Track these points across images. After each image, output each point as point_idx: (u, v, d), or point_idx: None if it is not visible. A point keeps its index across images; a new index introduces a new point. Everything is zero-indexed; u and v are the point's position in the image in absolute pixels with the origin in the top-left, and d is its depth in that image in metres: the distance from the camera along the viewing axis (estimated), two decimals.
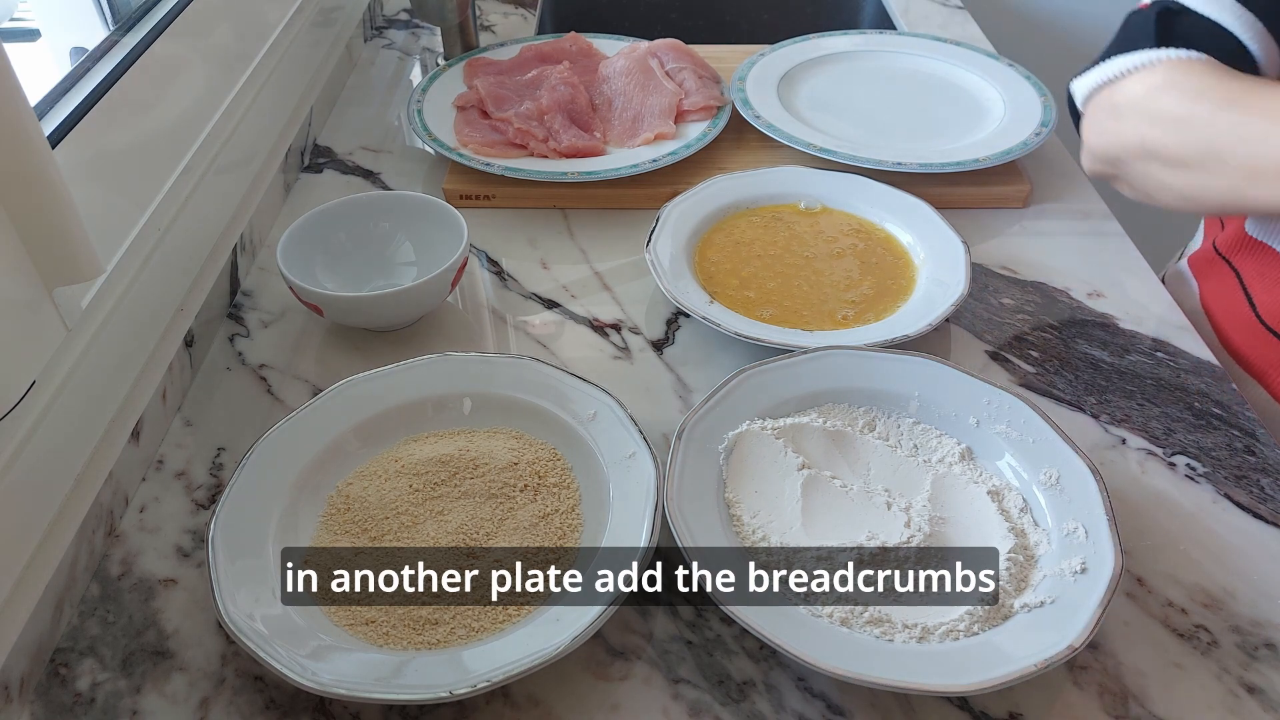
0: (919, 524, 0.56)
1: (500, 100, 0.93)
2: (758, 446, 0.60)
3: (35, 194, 0.49)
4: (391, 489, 0.59)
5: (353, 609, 0.53)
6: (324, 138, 0.97)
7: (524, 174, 0.85)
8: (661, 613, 0.55)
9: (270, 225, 0.85)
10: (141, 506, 0.61)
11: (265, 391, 0.69)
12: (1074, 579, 0.52)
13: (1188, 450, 0.64)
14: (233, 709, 0.51)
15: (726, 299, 0.73)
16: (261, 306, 0.77)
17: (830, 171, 0.84)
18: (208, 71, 0.76)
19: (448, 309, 0.76)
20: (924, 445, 0.62)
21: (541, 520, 0.58)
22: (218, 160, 0.75)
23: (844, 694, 0.51)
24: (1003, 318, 0.74)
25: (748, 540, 0.56)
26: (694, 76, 0.95)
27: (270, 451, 0.59)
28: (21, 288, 0.52)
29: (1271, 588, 0.56)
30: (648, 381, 0.70)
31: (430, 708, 0.51)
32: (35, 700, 0.51)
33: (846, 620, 0.52)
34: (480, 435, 0.63)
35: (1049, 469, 0.58)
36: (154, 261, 0.66)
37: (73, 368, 0.56)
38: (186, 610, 0.55)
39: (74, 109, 0.59)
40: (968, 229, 0.81)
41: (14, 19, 0.78)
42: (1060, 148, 0.93)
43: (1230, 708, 0.50)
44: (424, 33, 1.19)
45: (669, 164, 0.86)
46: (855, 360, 0.65)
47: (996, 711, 0.50)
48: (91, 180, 0.59)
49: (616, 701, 0.51)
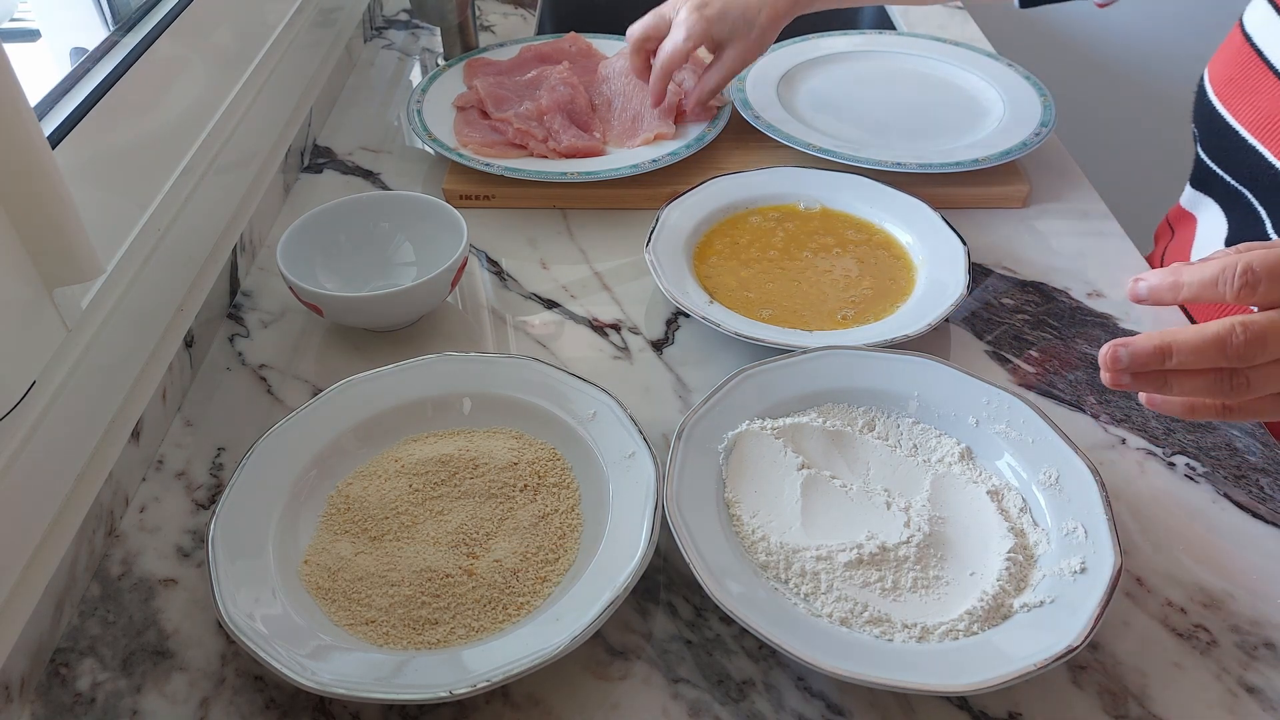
0: (918, 524, 0.56)
1: (500, 100, 0.93)
2: (757, 446, 0.60)
3: (35, 194, 0.49)
4: (391, 489, 0.59)
5: (353, 609, 0.53)
6: (324, 138, 0.97)
7: (524, 174, 0.85)
8: (661, 612, 0.55)
9: (270, 225, 0.85)
10: (141, 506, 0.61)
11: (265, 391, 0.69)
12: (1074, 579, 0.52)
13: (1187, 450, 0.64)
14: (233, 709, 0.51)
15: (726, 299, 0.73)
16: (261, 306, 0.77)
17: (830, 171, 0.84)
18: (208, 71, 0.76)
19: (448, 309, 0.77)
20: (923, 445, 0.62)
21: (541, 520, 0.58)
22: (218, 160, 0.75)
23: (844, 694, 0.51)
24: (1003, 318, 0.74)
25: (747, 540, 0.56)
26: (694, 76, 0.95)
27: (270, 451, 0.59)
28: (21, 288, 0.52)
29: (1271, 587, 0.56)
30: (647, 381, 0.70)
31: (430, 708, 0.51)
32: (35, 700, 0.51)
33: (846, 620, 0.52)
34: (480, 435, 0.63)
35: (1048, 469, 0.58)
36: (154, 261, 0.66)
37: (73, 368, 0.56)
38: (186, 610, 0.55)
39: (74, 109, 0.59)
40: (968, 229, 0.81)
41: (14, 19, 0.78)
42: (1060, 148, 0.93)
43: (1230, 707, 0.50)
44: (424, 33, 1.19)
45: (669, 164, 0.86)
46: (855, 360, 0.65)
47: (996, 711, 0.50)
48: (91, 180, 0.59)
49: (616, 701, 0.51)
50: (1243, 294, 0.46)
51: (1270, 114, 0.70)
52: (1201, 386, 0.48)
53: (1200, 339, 0.46)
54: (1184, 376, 0.48)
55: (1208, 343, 0.46)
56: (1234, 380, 0.47)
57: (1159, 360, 0.47)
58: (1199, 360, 0.46)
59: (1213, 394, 0.48)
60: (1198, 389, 0.48)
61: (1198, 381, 0.48)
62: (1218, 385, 0.47)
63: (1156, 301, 0.50)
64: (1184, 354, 0.46)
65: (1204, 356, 0.46)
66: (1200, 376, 0.47)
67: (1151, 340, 0.47)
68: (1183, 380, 0.48)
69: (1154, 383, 0.48)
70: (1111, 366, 0.48)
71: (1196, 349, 0.46)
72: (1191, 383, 0.48)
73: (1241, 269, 0.46)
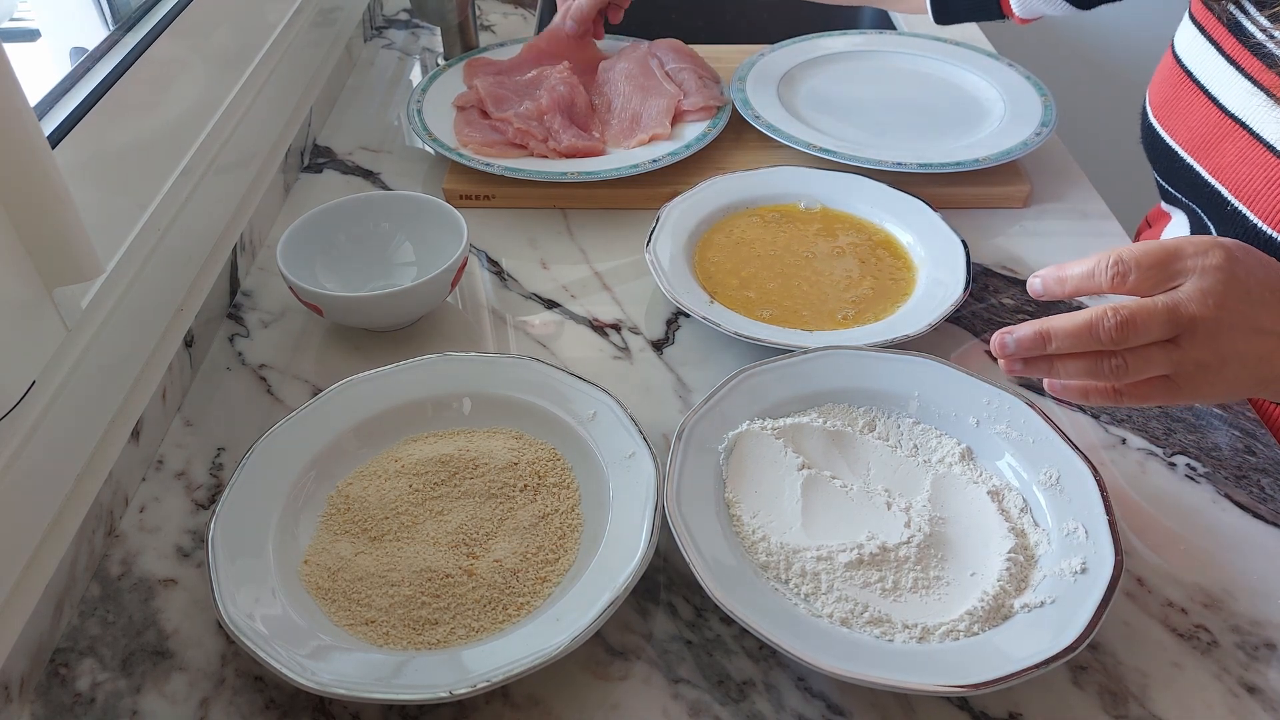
0: (919, 524, 0.56)
1: (500, 100, 0.93)
2: (758, 446, 0.60)
3: (35, 194, 0.49)
4: (391, 489, 0.59)
5: (353, 609, 0.53)
6: (324, 138, 0.97)
7: (524, 174, 0.85)
8: (661, 612, 0.55)
9: (270, 225, 0.85)
10: (141, 506, 0.61)
11: (265, 391, 0.69)
12: (1074, 579, 0.52)
13: (1188, 450, 0.64)
14: (233, 709, 0.51)
15: (726, 299, 0.73)
16: (261, 306, 0.77)
17: (830, 171, 0.84)
18: (208, 71, 0.76)
19: (448, 309, 0.76)
20: (924, 445, 0.62)
21: (541, 520, 0.58)
22: (218, 160, 0.75)
23: (844, 694, 0.51)
24: (1003, 318, 0.74)
25: (748, 540, 0.56)
26: (694, 76, 0.95)
27: (270, 451, 0.59)
28: (21, 288, 0.52)
29: (1271, 588, 0.56)
30: (648, 381, 0.70)
31: (430, 708, 0.51)
32: (35, 700, 0.51)
33: (846, 620, 0.52)
34: (480, 435, 0.63)
35: (1049, 469, 0.58)
36: (154, 261, 0.66)
37: (73, 368, 0.56)
38: (186, 610, 0.55)
39: (74, 109, 0.59)
40: (968, 229, 0.81)
41: (14, 19, 0.78)
42: (1060, 148, 0.93)
43: (1230, 708, 0.50)
44: (424, 33, 1.19)
45: (669, 164, 0.86)
46: (855, 360, 0.65)
47: (996, 711, 0.50)
48: (91, 180, 0.59)
49: (616, 701, 0.51)
50: (1115, 283, 0.50)
51: (1202, 133, 0.72)
52: (1083, 369, 0.51)
53: (1074, 324, 0.49)
54: (1066, 360, 0.51)
55: (1080, 327, 0.49)
56: (1112, 363, 0.50)
57: (1040, 345, 0.50)
58: (1075, 344, 0.50)
59: (1094, 376, 0.51)
60: (1080, 372, 0.51)
61: (1079, 364, 0.51)
62: (1097, 368, 0.50)
63: (1049, 296, 0.53)
64: (1061, 338, 0.50)
65: (1079, 340, 0.49)
66: (1080, 359, 0.51)
67: (1032, 327, 0.51)
68: (1065, 364, 0.51)
69: (1042, 368, 0.52)
70: (1001, 353, 0.52)
71: (1071, 333, 0.49)
72: (1074, 365, 0.51)
73: (1112, 261, 0.50)
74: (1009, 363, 0.52)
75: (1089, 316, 0.49)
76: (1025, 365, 0.52)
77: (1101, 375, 0.51)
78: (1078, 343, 0.49)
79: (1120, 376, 0.50)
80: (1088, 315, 0.49)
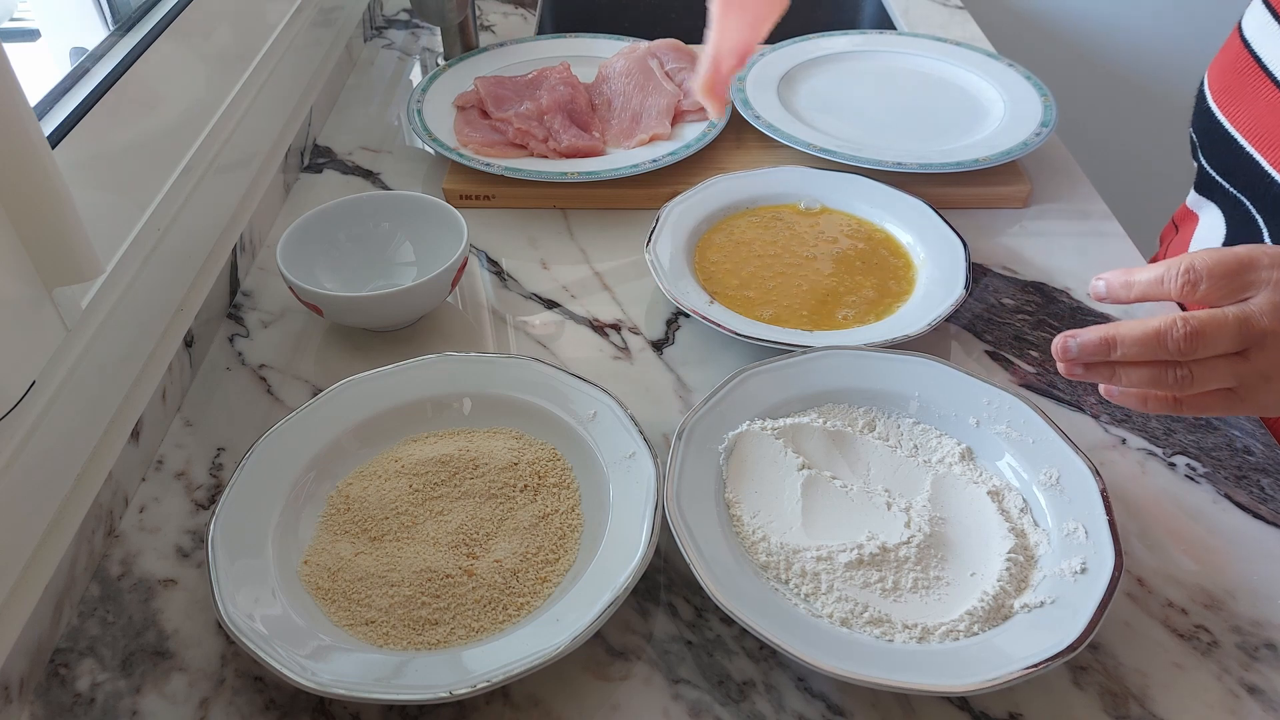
0: (919, 524, 0.56)
1: (500, 100, 0.93)
2: (758, 447, 0.60)
3: (35, 194, 0.49)
4: (391, 489, 0.59)
5: (353, 609, 0.53)
6: (324, 138, 0.97)
7: (524, 174, 0.85)
8: (661, 613, 0.55)
9: (270, 225, 0.85)
10: (141, 506, 0.61)
11: (265, 391, 0.69)
12: (1074, 579, 0.52)
13: (1188, 450, 0.64)
14: (233, 709, 0.51)
15: (726, 299, 0.73)
16: (261, 306, 0.77)
17: (830, 171, 0.84)
18: (208, 71, 0.76)
19: (448, 309, 0.76)
20: (924, 445, 0.62)
21: (541, 520, 0.58)
22: (218, 160, 0.75)
23: (844, 694, 0.51)
24: (1003, 318, 0.74)
25: (748, 540, 0.56)
26: (694, 76, 0.95)
27: (270, 451, 0.59)
28: (21, 288, 0.52)
29: (1271, 588, 0.56)
30: (648, 381, 0.70)
31: (430, 708, 0.51)
32: (35, 700, 0.51)
33: (846, 620, 0.52)
34: (480, 435, 0.63)
35: (1049, 469, 0.58)
36: (154, 261, 0.66)
37: (73, 368, 0.56)
38: (186, 610, 0.55)
39: (74, 109, 0.59)
40: (968, 229, 0.81)
41: (14, 19, 0.77)
42: (1060, 148, 0.93)
43: (1230, 708, 0.50)
44: (424, 33, 1.19)
45: (669, 164, 0.86)
46: (855, 360, 0.65)
47: (996, 711, 0.50)
48: (91, 180, 0.59)
49: (616, 701, 0.51)
50: (1184, 291, 0.49)
51: (1268, 123, 0.69)
52: (1147, 378, 0.50)
53: (1143, 332, 0.48)
54: (1130, 368, 0.50)
55: (1149, 336, 0.48)
56: (1177, 373, 0.49)
57: (1105, 351, 0.49)
58: (1142, 352, 0.49)
59: (1158, 386, 0.50)
60: (1143, 380, 0.50)
61: (1143, 373, 0.50)
62: (1162, 378, 0.49)
63: (1114, 299, 0.52)
64: (1127, 346, 0.49)
65: (1146, 349, 0.48)
66: (1145, 369, 0.50)
67: (1098, 332, 0.50)
68: (1129, 372, 0.50)
69: (1103, 374, 0.51)
70: (1063, 356, 0.51)
71: (1139, 341, 0.48)
72: (1137, 374, 0.50)
73: (1184, 268, 0.49)
74: (1069, 366, 0.51)
75: (1158, 325, 0.48)
76: (1086, 370, 0.51)
77: (1165, 385, 0.49)
78: (1144, 351, 0.48)
79: (1184, 388, 0.49)
80: (1157, 323, 0.48)
